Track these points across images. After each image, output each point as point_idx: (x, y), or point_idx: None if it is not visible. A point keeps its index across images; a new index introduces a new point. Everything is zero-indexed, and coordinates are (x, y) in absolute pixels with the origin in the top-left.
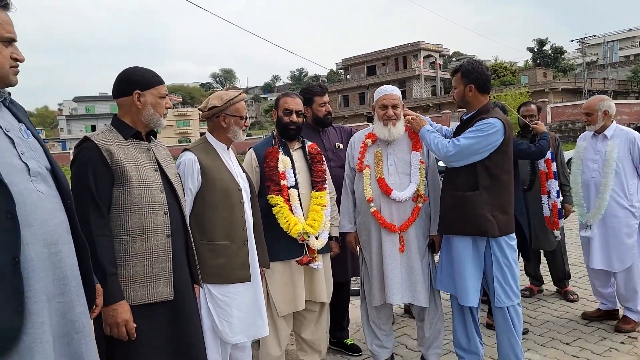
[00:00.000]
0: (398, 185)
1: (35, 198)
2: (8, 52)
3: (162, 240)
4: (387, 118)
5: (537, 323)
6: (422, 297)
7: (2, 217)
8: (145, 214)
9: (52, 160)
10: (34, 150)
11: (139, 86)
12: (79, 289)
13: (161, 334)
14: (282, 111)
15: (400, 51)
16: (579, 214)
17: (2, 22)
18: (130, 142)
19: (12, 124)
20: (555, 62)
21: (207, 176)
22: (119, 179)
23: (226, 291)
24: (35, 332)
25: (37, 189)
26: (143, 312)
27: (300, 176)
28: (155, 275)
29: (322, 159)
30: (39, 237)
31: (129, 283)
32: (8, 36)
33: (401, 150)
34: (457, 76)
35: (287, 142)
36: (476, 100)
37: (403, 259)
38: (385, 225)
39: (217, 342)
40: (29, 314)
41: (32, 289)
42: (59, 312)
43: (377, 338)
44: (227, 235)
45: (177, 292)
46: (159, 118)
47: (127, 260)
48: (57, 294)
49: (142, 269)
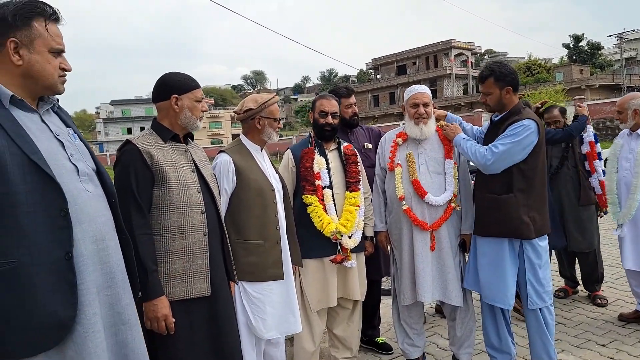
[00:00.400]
0: (430, 184)
1: (85, 197)
2: (57, 62)
3: (200, 239)
4: (419, 116)
5: (572, 324)
6: (454, 296)
7: (56, 215)
8: (184, 214)
9: (97, 161)
10: (81, 153)
11: (176, 90)
12: (125, 282)
13: (199, 328)
14: (318, 113)
15: (431, 50)
16: (611, 212)
17: (53, 35)
18: (169, 145)
19: (61, 128)
20: (592, 58)
21: (241, 177)
22: (158, 180)
23: (260, 288)
24: (88, 322)
25: (86, 188)
26: (181, 307)
27: (335, 176)
28: (194, 272)
29: (357, 160)
30: (89, 234)
31: (168, 279)
32: (58, 48)
33: (432, 149)
34: (488, 82)
35: (323, 143)
36: (511, 102)
37: (434, 258)
38: (417, 223)
39: (251, 338)
40: (81, 306)
41: (83, 282)
42: (107, 304)
43: (409, 337)
44: (261, 234)
45: (214, 288)
46: (195, 121)
47: (167, 258)
48: (105, 287)
49: (181, 266)
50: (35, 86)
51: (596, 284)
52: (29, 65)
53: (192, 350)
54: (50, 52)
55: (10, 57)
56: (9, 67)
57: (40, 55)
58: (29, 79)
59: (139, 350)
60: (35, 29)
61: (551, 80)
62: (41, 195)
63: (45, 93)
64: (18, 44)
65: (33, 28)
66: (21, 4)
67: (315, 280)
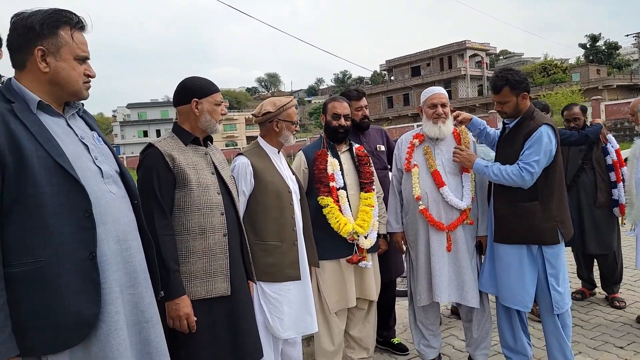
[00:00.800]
0: (447, 184)
1: (108, 198)
2: (82, 69)
3: (220, 239)
4: (437, 116)
5: (589, 326)
6: (470, 297)
7: (80, 216)
8: (204, 215)
9: (120, 164)
10: (105, 156)
11: (197, 94)
12: (147, 281)
13: (219, 327)
14: (330, 116)
15: (445, 51)
16: (627, 213)
17: (78, 42)
18: (190, 148)
19: (86, 132)
20: (609, 58)
21: (259, 179)
22: (180, 182)
23: (277, 289)
24: (111, 320)
25: (110, 190)
26: (202, 306)
27: (349, 177)
28: (214, 272)
29: (369, 161)
30: (112, 234)
31: (189, 279)
32: (83, 55)
33: (449, 151)
34: (504, 91)
35: (335, 145)
36: (525, 106)
37: (450, 259)
38: (433, 223)
39: (269, 337)
40: (105, 304)
41: (107, 281)
42: (130, 302)
43: (425, 338)
44: (278, 235)
45: (233, 288)
46: (215, 124)
47: (188, 258)
48: (128, 286)
49: (202, 266)
50: (61, 92)
51: (614, 286)
52: (55, 72)
53: (212, 348)
54: (76, 59)
55: (37, 65)
56: (37, 74)
57: (66, 63)
58: (55, 85)
59: (161, 348)
60: (62, 37)
61: (567, 81)
62: (66, 196)
63: (71, 99)
64: (45, 52)
65: (59, 36)
66: (48, 13)
67: (333, 281)
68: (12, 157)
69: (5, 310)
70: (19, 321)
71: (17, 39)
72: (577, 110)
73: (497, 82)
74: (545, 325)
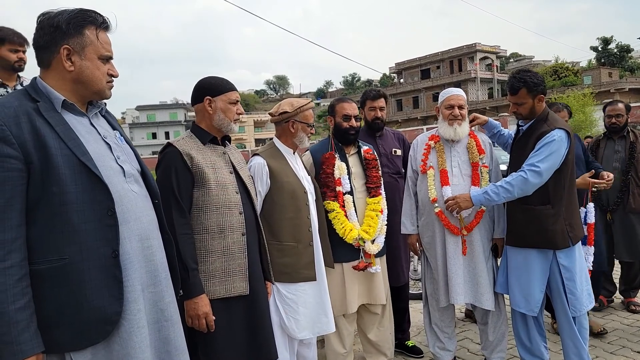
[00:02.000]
0: (463, 187)
1: (131, 197)
2: (105, 68)
3: (238, 239)
4: (453, 117)
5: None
6: (485, 300)
7: (104, 214)
8: (223, 214)
9: (141, 163)
10: (127, 155)
11: (209, 92)
12: (168, 280)
13: (237, 326)
14: (341, 117)
15: (455, 54)
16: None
17: (103, 42)
18: (208, 147)
19: (109, 131)
20: (621, 61)
21: (275, 179)
22: (198, 181)
23: (293, 289)
24: (134, 318)
25: (132, 189)
26: (221, 305)
27: (356, 181)
28: (233, 271)
29: (377, 165)
30: (134, 233)
31: (208, 278)
32: (107, 55)
33: (465, 153)
34: (521, 93)
35: (344, 147)
36: (540, 108)
37: (466, 261)
38: (448, 226)
39: (284, 337)
40: (127, 302)
41: (129, 279)
42: (151, 301)
43: (440, 340)
44: (294, 236)
45: (251, 287)
46: (229, 123)
47: (207, 257)
48: (149, 285)
49: (221, 265)
50: (85, 91)
51: (632, 291)
52: (80, 71)
53: (230, 347)
54: (100, 58)
55: (63, 63)
56: (62, 73)
57: (90, 62)
58: (80, 84)
59: (181, 347)
60: (87, 37)
61: (579, 84)
62: (90, 195)
63: (94, 98)
64: (70, 51)
65: (85, 36)
66: (74, 13)
67: (333, 286)
68: (38, 155)
69: (31, 307)
70: (43, 318)
71: (44, 37)
72: (620, 107)
73: (514, 83)
74: (561, 326)
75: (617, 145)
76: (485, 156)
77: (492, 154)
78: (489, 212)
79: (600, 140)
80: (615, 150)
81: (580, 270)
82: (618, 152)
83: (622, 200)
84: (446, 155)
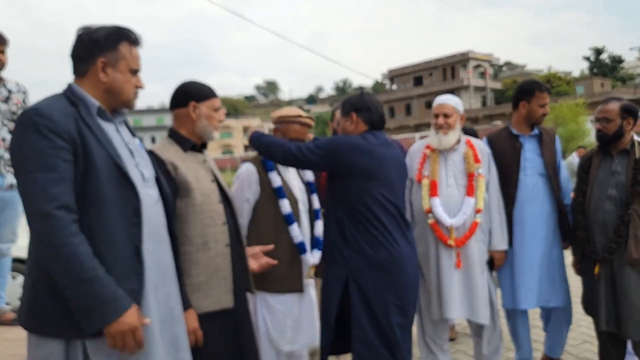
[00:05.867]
0: (457, 198)
1: (149, 201)
2: (134, 81)
3: (223, 250)
4: (438, 127)
5: None
6: (481, 314)
7: (130, 213)
8: (206, 225)
9: (156, 169)
10: (145, 161)
11: (195, 98)
12: (175, 280)
13: (223, 340)
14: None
15: (448, 61)
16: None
17: (135, 57)
18: (189, 154)
19: (130, 138)
20: (613, 72)
21: (264, 186)
22: (182, 191)
23: (281, 300)
24: (144, 314)
25: (149, 193)
26: (206, 319)
27: None
28: (218, 284)
29: None
30: (150, 234)
31: (193, 292)
32: (136, 69)
33: (461, 162)
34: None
35: None
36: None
37: (461, 274)
38: (441, 239)
39: (272, 349)
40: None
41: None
42: (161, 300)
43: (432, 353)
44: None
45: (236, 299)
46: (212, 130)
47: (191, 270)
48: (160, 284)
49: (205, 278)
50: (114, 100)
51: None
52: (112, 82)
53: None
54: (130, 72)
55: (98, 74)
56: (96, 83)
57: (122, 75)
58: (110, 94)
59: (185, 345)
60: (121, 52)
61: (572, 94)
62: (120, 193)
63: (121, 107)
64: (106, 64)
65: (119, 51)
66: (112, 30)
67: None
68: (82, 152)
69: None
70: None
71: (82, 49)
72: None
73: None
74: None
75: (614, 164)
76: (482, 166)
77: (490, 163)
78: (484, 223)
79: (592, 156)
80: (612, 171)
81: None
82: (616, 173)
83: (619, 246)
84: (441, 164)
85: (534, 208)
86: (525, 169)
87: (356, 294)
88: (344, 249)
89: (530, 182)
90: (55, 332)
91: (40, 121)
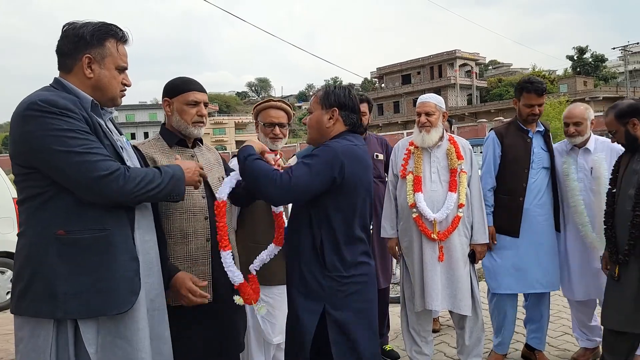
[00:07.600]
0: (440, 193)
1: None
2: (120, 78)
3: (202, 244)
4: (421, 125)
5: None
6: (463, 305)
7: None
8: (187, 219)
9: (141, 164)
10: (131, 157)
11: (167, 93)
12: (159, 273)
13: (200, 333)
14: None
15: (436, 60)
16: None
17: (121, 54)
18: (175, 150)
19: (117, 135)
20: (595, 71)
21: None
22: None
23: (270, 292)
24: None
25: None
26: (184, 311)
27: None
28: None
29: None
30: (140, 226)
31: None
32: (123, 66)
33: (444, 159)
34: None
35: None
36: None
37: (444, 267)
38: (425, 232)
39: (260, 341)
40: None
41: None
42: (146, 290)
43: (417, 344)
44: (271, 237)
45: (216, 294)
46: (187, 125)
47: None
48: (145, 275)
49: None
50: (101, 97)
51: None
52: (98, 79)
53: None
54: (117, 69)
55: (83, 70)
56: (82, 79)
57: (108, 71)
58: (97, 91)
59: (166, 336)
60: (107, 48)
61: (555, 92)
62: None
63: (107, 104)
64: (92, 60)
65: (105, 47)
66: (98, 26)
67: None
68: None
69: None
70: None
71: (68, 45)
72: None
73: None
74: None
75: (636, 163)
76: (465, 162)
77: (472, 159)
78: (467, 217)
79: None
80: (634, 170)
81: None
82: (636, 172)
83: (633, 248)
84: (425, 161)
85: (535, 199)
86: (533, 162)
87: (335, 328)
88: (321, 278)
89: (535, 174)
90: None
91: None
